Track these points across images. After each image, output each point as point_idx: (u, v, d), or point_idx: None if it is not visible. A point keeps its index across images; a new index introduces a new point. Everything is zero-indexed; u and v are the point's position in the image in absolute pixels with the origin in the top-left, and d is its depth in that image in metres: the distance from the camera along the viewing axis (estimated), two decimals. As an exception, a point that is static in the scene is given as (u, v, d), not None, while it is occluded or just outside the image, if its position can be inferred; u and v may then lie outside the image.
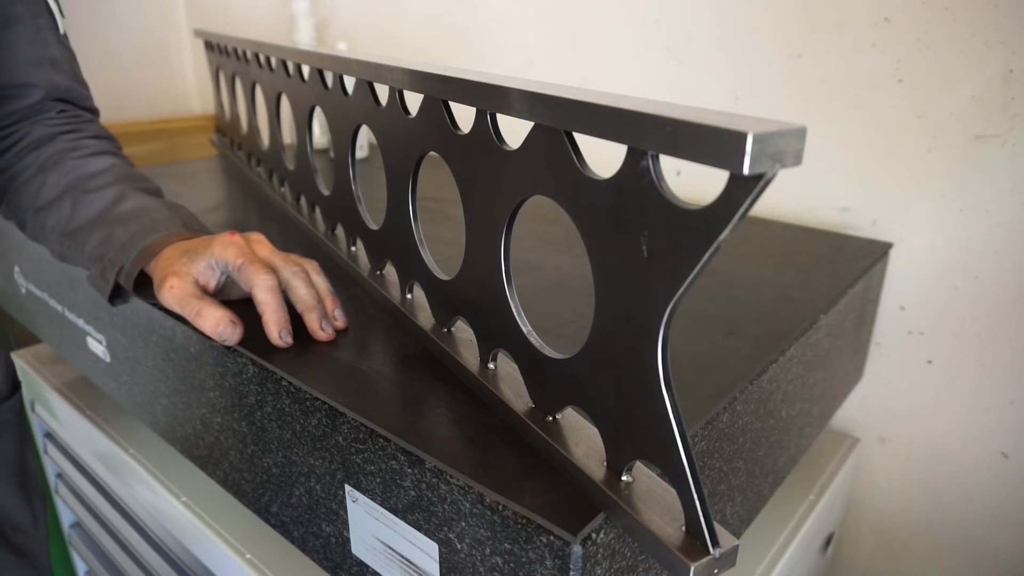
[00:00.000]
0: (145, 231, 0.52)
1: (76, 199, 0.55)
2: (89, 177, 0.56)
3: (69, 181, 0.56)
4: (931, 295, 0.75)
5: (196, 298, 0.47)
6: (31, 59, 0.56)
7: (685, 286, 0.27)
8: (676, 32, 0.85)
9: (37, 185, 0.56)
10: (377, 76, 0.45)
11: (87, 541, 0.93)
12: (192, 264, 0.48)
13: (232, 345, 0.47)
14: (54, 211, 0.55)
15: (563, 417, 0.38)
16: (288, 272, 0.49)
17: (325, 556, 0.48)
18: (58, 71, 0.59)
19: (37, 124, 0.58)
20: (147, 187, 0.58)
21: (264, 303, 0.47)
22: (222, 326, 0.46)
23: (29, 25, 0.56)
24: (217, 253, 0.48)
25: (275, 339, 0.47)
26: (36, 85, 0.57)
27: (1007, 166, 0.67)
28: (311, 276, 0.51)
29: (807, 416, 0.60)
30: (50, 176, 0.56)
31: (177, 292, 0.47)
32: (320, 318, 0.48)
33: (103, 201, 0.55)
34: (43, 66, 0.57)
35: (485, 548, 0.35)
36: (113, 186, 0.56)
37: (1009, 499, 0.75)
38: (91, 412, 0.83)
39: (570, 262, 0.64)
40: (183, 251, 0.50)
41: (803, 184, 0.80)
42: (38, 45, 0.57)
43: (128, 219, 0.53)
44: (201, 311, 0.46)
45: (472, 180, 0.39)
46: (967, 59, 0.67)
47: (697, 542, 0.30)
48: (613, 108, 0.27)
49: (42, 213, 0.56)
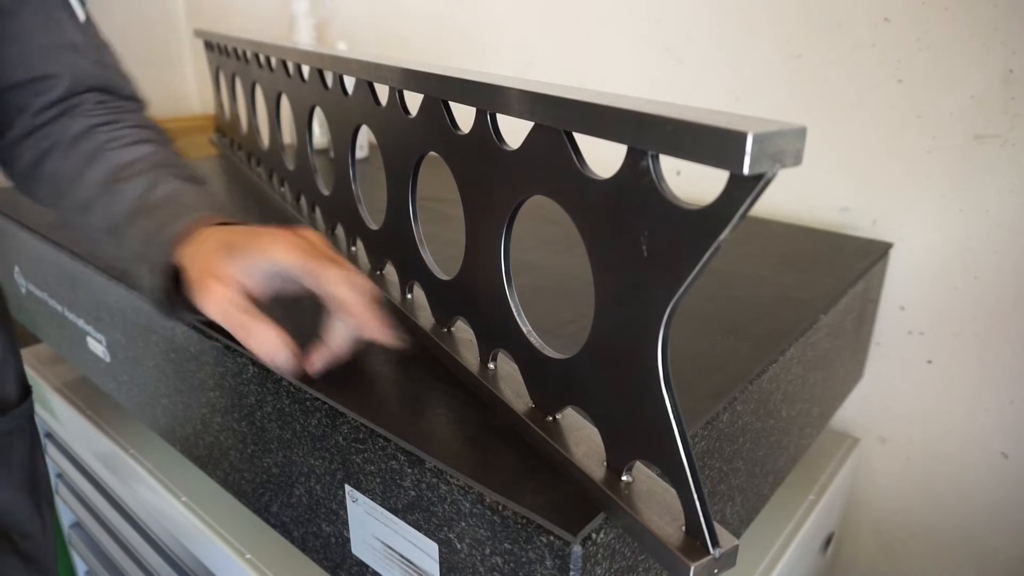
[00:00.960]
0: (172, 217, 0.46)
1: (111, 193, 0.49)
2: (122, 167, 0.51)
3: (104, 174, 0.51)
4: (931, 295, 0.75)
5: (243, 311, 0.39)
6: (46, 45, 0.52)
7: (685, 286, 0.27)
8: (676, 32, 0.85)
9: (79, 185, 0.51)
10: (377, 76, 0.45)
11: (87, 541, 0.93)
12: (234, 263, 0.41)
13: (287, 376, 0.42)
14: (95, 211, 0.50)
15: (563, 417, 0.38)
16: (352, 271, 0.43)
17: (325, 556, 0.48)
18: (81, 56, 0.54)
19: (75, 118, 0.53)
20: (183, 173, 0.52)
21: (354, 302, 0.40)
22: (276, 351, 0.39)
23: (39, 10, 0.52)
24: (280, 256, 0.40)
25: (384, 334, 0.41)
26: (57, 74, 0.52)
27: (1007, 166, 0.67)
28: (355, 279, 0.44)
29: (807, 416, 0.60)
30: (88, 173, 0.51)
31: (220, 301, 0.39)
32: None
33: (135, 191, 0.49)
34: (61, 51, 0.53)
35: (485, 548, 0.35)
36: (145, 173, 0.50)
37: (1009, 499, 0.75)
38: (91, 412, 0.83)
39: (570, 262, 0.64)
40: (222, 244, 0.42)
41: (803, 184, 0.80)
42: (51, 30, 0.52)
43: (158, 207, 0.47)
44: (251, 329, 0.39)
45: (472, 180, 0.39)
46: (967, 59, 0.67)
47: (697, 542, 0.30)
48: (613, 108, 0.27)
49: (87, 214, 0.51)
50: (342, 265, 0.41)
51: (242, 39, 0.79)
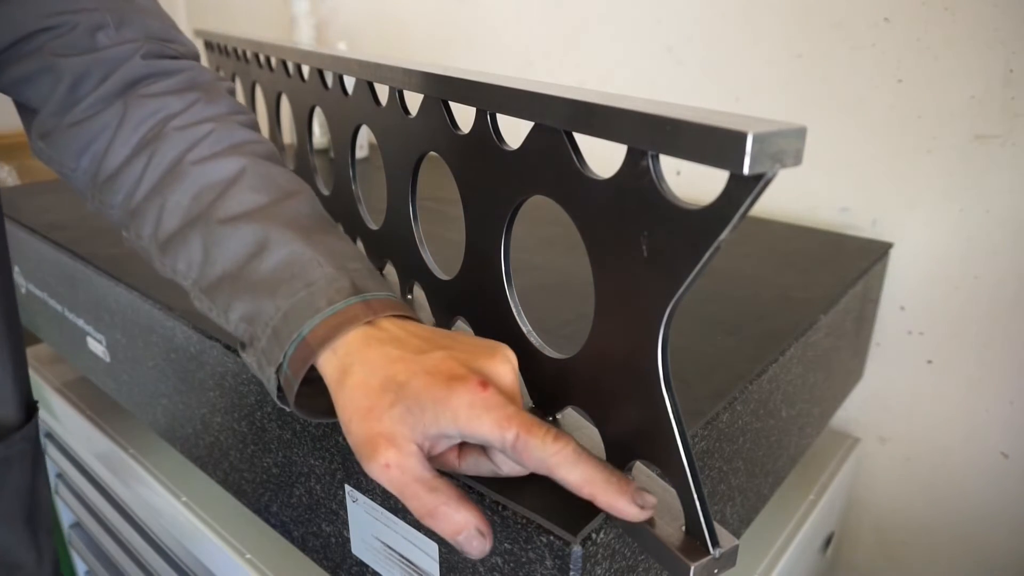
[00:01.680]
0: (301, 309, 0.35)
1: (207, 238, 0.39)
2: (217, 199, 0.39)
3: (191, 203, 0.40)
4: (931, 295, 0.75)
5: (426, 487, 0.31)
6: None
7: (685, 286, 0.27)
8: (676, 32, 0.85)
9: (157, 207, 0.41)
10: (377, 76, 0.45)
11: (87, 541, 0.93)
12: (413, 423, 0.31)
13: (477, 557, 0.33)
14: (182, 252, 0.40)
15: (563, 417, 0.38)
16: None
17: (325, 556, 0.48)
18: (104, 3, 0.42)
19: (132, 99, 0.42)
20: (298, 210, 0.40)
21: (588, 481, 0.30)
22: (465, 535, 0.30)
23: None
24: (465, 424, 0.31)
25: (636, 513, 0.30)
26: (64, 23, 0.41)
27: (1007, 166, 0.67)
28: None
29: (807, 416, 0.60)
30: (169, 196, 0.40)
31: (397, 475, 0.31)
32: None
33: (240, 247, 0.38)
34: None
35: (485, 548, 0.35)
36: (252, 218, 0.39)
37: (1009, 499, 0.75)
38: (91, 412, 0.83)
39: (570, 262, 0.64)
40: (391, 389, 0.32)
41: (803, 184, 0.80)
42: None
43: (276, 284, 0.36)
44: (435, 511, 0.30)
45: (472, 180, 0.39)
46: (967, 59, 0.67)
47: (697, 542, 0.30)
48: (613, 108, 0.27)
49: (170, 252, 0.40)
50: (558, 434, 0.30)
51: (242, 39, 0.79)
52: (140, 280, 0.58)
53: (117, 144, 0.42)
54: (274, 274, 0.37)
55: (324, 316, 0.35)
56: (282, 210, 0.40)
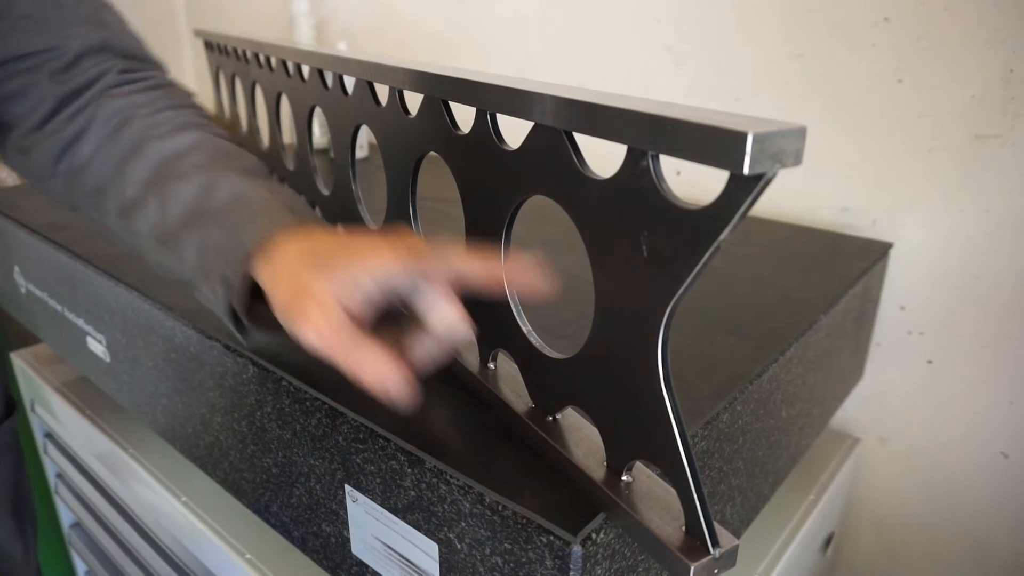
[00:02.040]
0: (243, 230, 0.40)
1: (163, 193, 0.43)
2: (173, 160, 0.44)
3: (152, 170, 0.44)
4: (931, 295, 0.75)
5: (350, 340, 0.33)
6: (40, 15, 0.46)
7: (685, 286, 0.26)
8: (676, 32, 0.85)
9: (120, 181, 0.45)
10: (377, 76, 0.45)
11: (87, 541, 0.93)
12: (333, 280, 0.34)
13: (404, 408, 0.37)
14: (141, 211, 0.44)
15: (563, 417, 0.38)
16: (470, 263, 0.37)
17: (325, 556, 0.48)
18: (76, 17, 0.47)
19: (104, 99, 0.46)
20: (242, 165, 0.45)
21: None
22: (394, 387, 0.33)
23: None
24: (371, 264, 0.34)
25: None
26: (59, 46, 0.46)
27: (1007, 166, 0.67)
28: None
29: (807, 416, 0.60)
30: (131, 169, 0.45)
31: (322, 330, 0.33)
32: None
33: (191, 192, 0.42)
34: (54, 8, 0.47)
35: (485, 548, 0.35)
36: (201, 170, 0.43)
37: (1009, 499, 0.75)
38: (91, 412, 0.83)
39: (570, 262, 0.64)
40: (311, 255, 0.36)
41: (803, 184, 0.80)
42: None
43: (222, 216, 0.41)
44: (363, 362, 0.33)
45: (472, 180, 0.39)
46: (967, 59, 0.67)
47: (697, 542, 0.30)
48: (613, 108, 0.27)
49: (129, 216, 0.44)
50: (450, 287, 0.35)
51: (242, 39, 0.79)
52: (140, 280, 0.58)
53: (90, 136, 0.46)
54: (221, 209, 0.41)
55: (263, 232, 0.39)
56: (227, 163, 0.45)
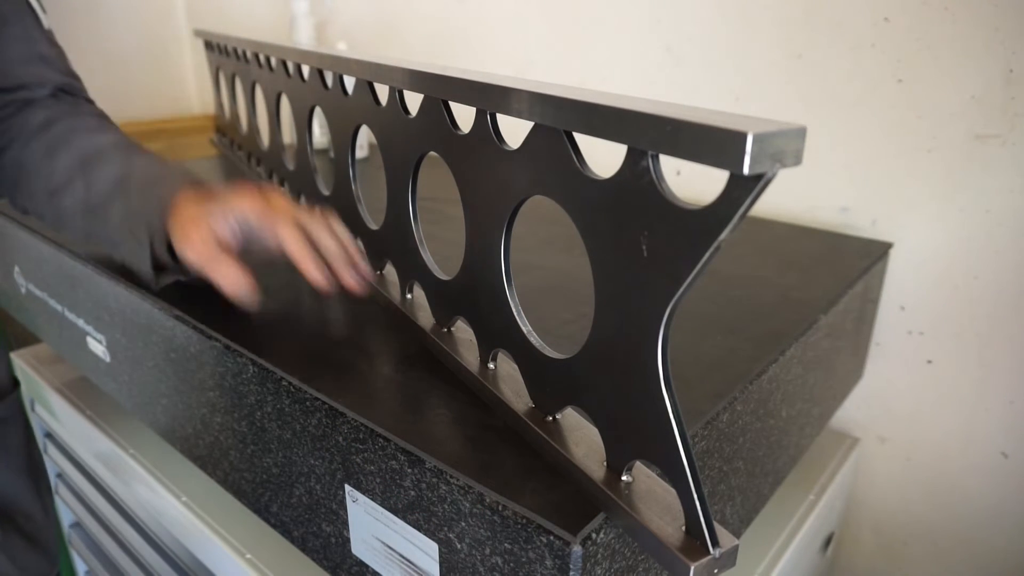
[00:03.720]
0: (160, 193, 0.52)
1: (89, 175, 0.54)
2: (97, 152, 0.56)
3: (78, 159, 0.55)
4: (931, 295, 0.75)
5: (213, 250, 0.46)
6: (23, 58, 0.57)
7: (685, 286, 0.27)
8: (676, 32, 0.85)
9: (47, 169, 0.56)
10: (377, 76, 0.45)
11: (87, 541, 0.93)
12: (208, 215, 0.47)
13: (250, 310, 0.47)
14: (68, 192, 0.55)
15: (563, 417, 0.38)
16: (311, 224, 0.49)
17: (325, 556, 0.48)
18: (50, 67, 0.59)
19: (37, 110, 0.58)
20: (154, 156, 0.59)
21: (298, 253, 0.47)
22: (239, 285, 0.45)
23: (15, 25, 0.56)
24: (235, 205, 0.47)
25: (318, 279, 0.47)
26: (31, 84, 0.58)
27: (1007, 166, 0.67)
28: (333, 226, 0.51)
29: (807, 416, 0.60)
30: (59, 159, 0.56)
31: (195, 243, 0.46)
32: (346, 267, 0.49)
33: (115, 172, 0.54)
34: (35, 63, 0.58)
35: (485, 548, 0.35)
36: (120, 156, 0.55)
37: (1009, 499, 0.75)
38: (91, 412, 0.82)
39: (570, 262, 0.64)
40: (196, 200, 0.49)
41: (803, 184, 0.80)
42: (28, 43, 0.57)
43: (144, 185, 0.53)
44: (219, 266, 0.46)
45: (472, 180, 0.39)
46: (967, 59, 0.67)
47: (697, 542, 0.30)
48: (613, 108, 0.27)
49: (57, 196, 0.55)
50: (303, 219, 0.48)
51: (242, 39, 0.79)
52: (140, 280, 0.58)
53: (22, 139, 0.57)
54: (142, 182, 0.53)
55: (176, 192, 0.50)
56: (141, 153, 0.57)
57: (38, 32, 0.58)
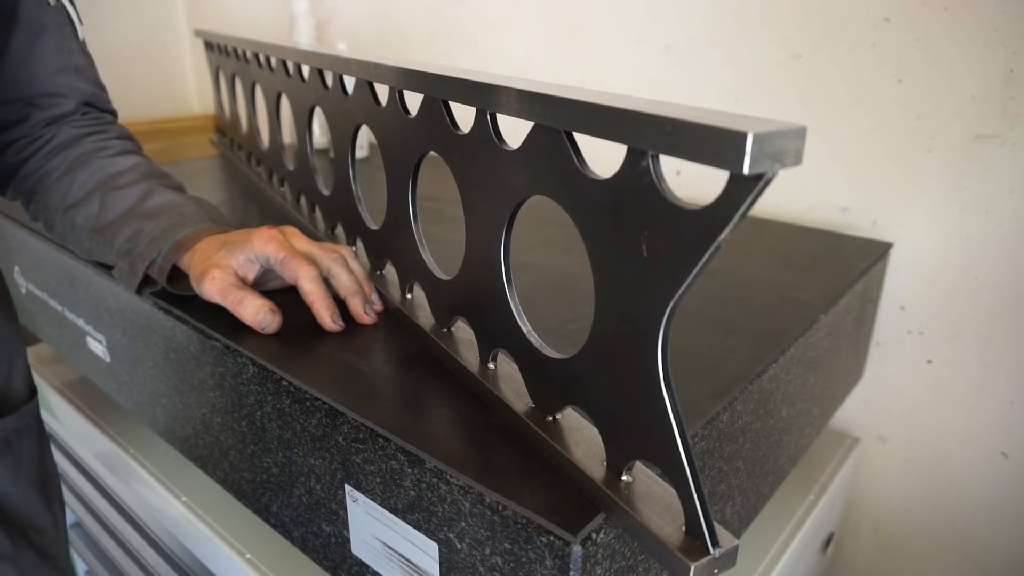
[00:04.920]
0: (175, 226, 0.54)
1: (104, 196, 0.57)
2: (117, 175, 0.58)
3: (98, 180, 0.58)
4: (931, 295, 0.75)
5: (237, 288, 0.50)
6: (58, 67, 0.58)
7: (685, 286, 0.26)
8: (676, 32, 0.85)
9: (66, 185, 0.58)
10: (377, 76, 0.45)
11: (87, 541, 0.93)
12: (231, 257, 0.51)
13: (271, 333, 0.50)
14: (83, 209, 0.57)
15: (563, 417, 0.38)
16: (328, 260, 0.52)
17: (325, 556, 0.48)
18: (82, 77, 0.61)
19: (64, 126, 0.60)
20: (172, 184, 0.61)
21: (312, 293, 0.50)
22: (262, 314, 0.49)
23: (54, 34, 0.57)
24: (258, 248, 0.51)
25: (329, 324, 0.50)
26: (64, 94, 0.59)
27: (1007, 166, 0.67)
28: (348, 263, 0.53)
29: (807, 416, 0.60)
30: (79, 176, 0.58)
31: (219, 283, 0.50)
32: (362, 303, 0.51)
33: (131, 197, 0.56)
34: (69, 73, 0.59)
35: (485, 548, 0.35)
36: (140, 183, 0.58)
37: (1009, 499, 0.75)
38: (91, 412, 0.83)
39: (570, 262, 0.64)
40: (221, 244, 0.52)
41: (803, 184, 0.80)
42: (64, 53, 0.58)
43: (157, 214, 0.55)
44: (242, 300, 0.49)
45: (472, 180, 0.39)
46: (967, 59, 0.67)
47: (697, 542, 0.30)
48: (613, 108, 0.27)
49: (71, 212, 0.57)
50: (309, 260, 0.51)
51: (242, 39, 0.79)
52: (140, 280, 0.58)
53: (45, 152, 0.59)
54: (156, 209, 0.56)
55: (192, 229, 0.54)
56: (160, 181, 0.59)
57: (74, 42, 0.59)
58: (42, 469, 0.57)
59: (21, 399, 0.56)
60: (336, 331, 0.50)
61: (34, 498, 0.56)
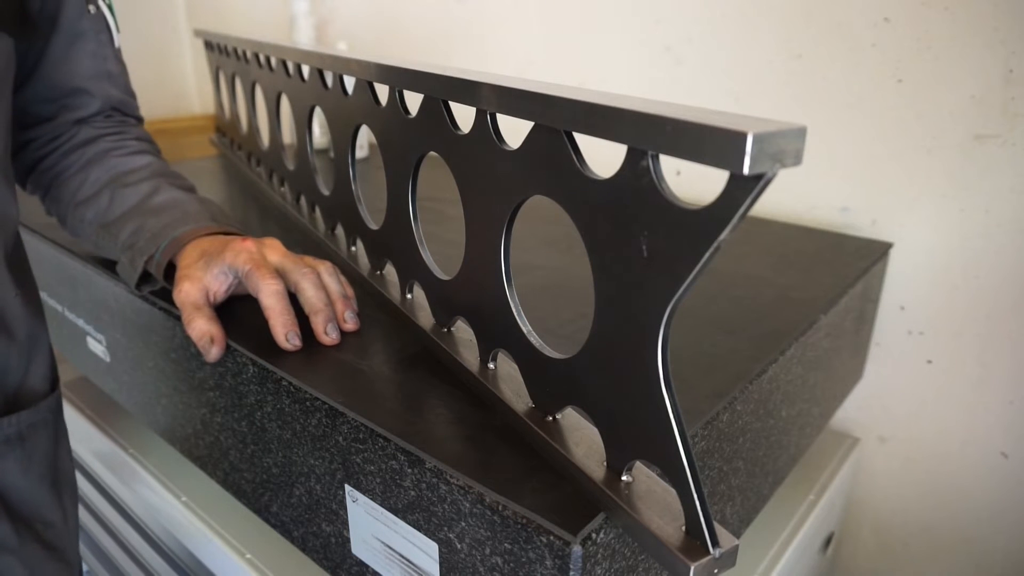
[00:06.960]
0: (176, 222, 0.55)
1: (114, 193, 0.58)
2: (128, 172, 0.60)
3: (109, 176, 0.59)
4: (931, 295, 0.75)
5: (194, 307, 0.50)
6: (92, 73, 0.60)
7: (685, 286, 0.26)
8: (676, 32, 0.85)
9: (79, 181, 0.59)
10: (377, 76, 0.45)
11: (87, 541, 0.93)
12: (207, 269, 0.51)
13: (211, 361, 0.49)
14: (93, 205, 0.58)
15: (563, 417, 0.38)
16: (297, 275, 0.50)
17: (325, 556, 0.48)
18: (114, 84, 0.62)
19: (85, 126, 0.61)
20: (181, 184, 0.61)
21: (269, 308, 0.49)
22: (202, 341, 0.48)
23: (92, 40, 0.59)
24: (229, 260, 0.51)
25: (282, 342, 0.48)
26: (94, 97, 0.61)
27: (1007, 166, 0.67)
28: (322, 278, 0.51)
29: (807, 416, 0.60)
30: (92, 172, 0.59)
31: (182, 296, 0.50)
32: (325, 321, 0.49)
33: (138, 194, 0.58)
34: (102, 79, 0.61)
35: (485, 548, 0.35)
36: (149, 180, 0.59)
37: (1009, 499, 0.75)
38: (91, 412, 0.83)
39: (570, 262, 0.64)
40: (201, 253, 0.52)
41: (803, 184, 0.80)
42: (99, 59, 0.60)
43: (160, 211, 0.56)
44: (191, 321, 0.49)
45: (472, 180, 0.39)
46: (967, 59, 0.67)
47: (697, 542, 0.30)
48: (613, 108, 0.27)
49: (81, 207, 0.59)
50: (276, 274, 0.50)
51: (242, 39, 0.79)
52: (140, 280, 0.58)
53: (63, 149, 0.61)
54: (160, 206, 0.57)
55: (191, 227, 0.55)
56: (169, 180, 0.60)
57: (110, 49, 0.61)
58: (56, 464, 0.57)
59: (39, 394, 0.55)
60: (290, 350, 0.48)
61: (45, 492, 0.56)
